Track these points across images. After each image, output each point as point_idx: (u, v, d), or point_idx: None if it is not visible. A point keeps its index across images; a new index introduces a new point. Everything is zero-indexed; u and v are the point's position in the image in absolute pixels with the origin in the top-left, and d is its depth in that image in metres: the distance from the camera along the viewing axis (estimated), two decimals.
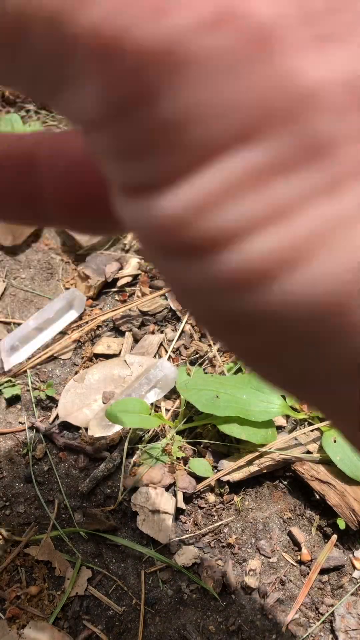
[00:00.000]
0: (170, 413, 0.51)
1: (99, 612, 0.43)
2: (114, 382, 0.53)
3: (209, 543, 0.45)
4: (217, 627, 0.42)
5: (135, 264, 0.61)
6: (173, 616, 0.43)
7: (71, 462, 0.50)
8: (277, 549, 0.45)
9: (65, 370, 0.56)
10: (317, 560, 0.44)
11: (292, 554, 0.45)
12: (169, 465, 0.48)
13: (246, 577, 0.44)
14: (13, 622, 0.42)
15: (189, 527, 0.46)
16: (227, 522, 0.46)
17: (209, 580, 0.44)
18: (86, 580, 0.44)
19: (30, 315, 0.59)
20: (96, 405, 0.52)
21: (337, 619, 0.41)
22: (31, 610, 0.43)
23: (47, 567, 0.45)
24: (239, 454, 0.48)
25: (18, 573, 0.45)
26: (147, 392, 0.50)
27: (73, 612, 0.43)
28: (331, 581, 0.43)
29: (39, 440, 0.51)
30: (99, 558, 0.46)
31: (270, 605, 0.43)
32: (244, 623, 0.42)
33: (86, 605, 0.44)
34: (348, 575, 0.43)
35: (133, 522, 0.46)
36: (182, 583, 0.44)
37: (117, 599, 0.44)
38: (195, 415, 0.50)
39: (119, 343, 0.56)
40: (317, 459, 0.47)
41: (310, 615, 0.42)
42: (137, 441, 0.50)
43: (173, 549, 0.45)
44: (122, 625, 0.43)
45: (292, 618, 0.42)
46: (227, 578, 0.44)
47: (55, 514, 0.47)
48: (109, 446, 0.50)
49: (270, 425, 0.48)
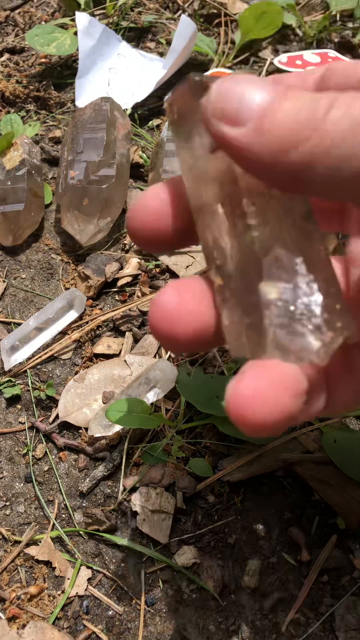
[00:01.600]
0: (170, 413, 0.51)
1: (99, 612, 0.43)
2: (114, 382, 0.53)
3: (209, 543, 0.45)
4: (217, 627, 0.42)
5: (135, 264, 0.61)
6: (173, 616, 0.43)
7: (71, 462, 0.50)
8: (277, 549, 0.45)
9: (65, 370, 0.56)
10: (317, 560, 0.44)
11: (292, 553, 0.45)
12: (169, 465, 0.48)
13: (246, 577, 0.44)
14: (13, 622, 0.42)
15: (189, 527, 0.46)
16: (227, 522, 0.46)
17: (209, 580, 0.44)
18: (86, 580, 0.44)
19: (30, 315, 0.59)
20: (96, 405, 0.52)
21: (337, 619, 0.42)
22: (31, 610, 0.43)
23: (47, 567, 0.45)
24: (239, 454, 0.48)
25: (18, 573, 0.45)
26: (147, 392, 0.50)
27: (73, 612, 0.43)
28: (331, 581, 0.43)
29: (39, 440, 0.51)
30: (98, 558, 0.46)
31: (270, 605, 0.43)
32: (244, 623, 0.42)
33: (86, 605, 0.44)
34: (348, 575, 0.43)
35: (133, 522, 0.46)
36: (182, 583, 0.44)
37: (117, 598, 0.44)
38: (195, 415, 0.50)
39: (119, 343, 0.56)
40: (318, 459, 0.47)
41: (310, 615, 0.42)
42: (137, 441, 0.50)
43: (173, 549, 0.45)
44: (122, 625, 0.43)
45: (292, 618, 0.42)
46: (227, 578, 0.44)
47: (55, 513, 0.47)
48: (109, 446, 0.50)
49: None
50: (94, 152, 0.63)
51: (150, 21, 0.87)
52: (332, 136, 0.22)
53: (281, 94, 0.23)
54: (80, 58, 0.78)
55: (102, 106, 0.68)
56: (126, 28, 0.86)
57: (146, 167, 0.71)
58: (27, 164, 0.64)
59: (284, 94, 0.23)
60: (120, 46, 0.82)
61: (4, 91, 0.77)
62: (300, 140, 0.22)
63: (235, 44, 0.82)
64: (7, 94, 0.77)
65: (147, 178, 0.69)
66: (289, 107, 0.23)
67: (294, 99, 0.23)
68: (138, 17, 0.88)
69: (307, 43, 0.85)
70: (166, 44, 0.86)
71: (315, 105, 0.22)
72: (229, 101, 0.24)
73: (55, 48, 0.78)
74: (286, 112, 0.23)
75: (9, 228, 0.62)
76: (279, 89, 0.24)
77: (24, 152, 0.66)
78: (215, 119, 0.24)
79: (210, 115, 0.24)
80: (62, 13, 0.89)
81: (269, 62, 0.82)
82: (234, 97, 0.24)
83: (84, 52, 0.78)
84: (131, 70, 0.81)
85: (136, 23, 0.87)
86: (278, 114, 0.23)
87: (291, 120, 0.22)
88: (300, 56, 0.82)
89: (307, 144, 0.22)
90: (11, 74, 0.81)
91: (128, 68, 0.82)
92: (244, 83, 0.24)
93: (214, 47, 0.82)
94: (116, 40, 0.82)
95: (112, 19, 0.87)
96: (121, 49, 0.82)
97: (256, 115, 0.23)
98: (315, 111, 0.22)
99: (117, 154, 0.64)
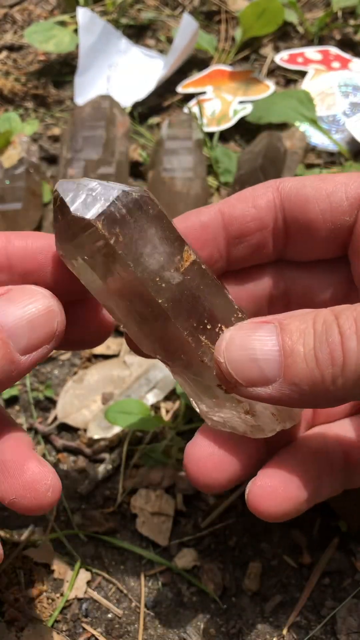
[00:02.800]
0: (170, 414, 0.51)
1: (99, 615, 0.43)
2: (113, 383, 0.53)
3: (210, 545, 0.45)
4: (218, 630, 0.42)
5: None
6: (173, 619, 0.42)
7: (70, 464, 0.50)
8: (278, 551, 0.45)
9: (64, 371, 0.55)
10: (319, 563, 0.43)
11: (294, 556, 0.44)
12: (169, 466, 0.48)
13: (247, 579, 0.43)
14: (12, 625, 0.42)
15: (189, 529, 0.46)
16: (227, 524, 0.46)
17: (210, 582, 0.43)
18: (85, 583, 0.44)
19: None
20: (95, 407, 0.51)
21: (339, 621, 0.41)
22: (30, 612, 0.43)
23: (46, 570, 0.45)
24: None
25: (17, 575, 0.44)
26: (146, 393, 0.50)
27: (72, 615, 0.43)
28: (333, 584, 0.43)
29: (38, 442, 0.51)
30: (98, 560, 0.45)
31: (271, 608, 0.42)
32: (244, 626, 0.42)
33: (85, 608, 0.43)
34: (350, 578, 0.43)
35: (132, 524, 0.46)
36: (182, 586, 0.44)
37: (116, 601, 0.43)
38: (195, 416, 0.50)
39: (119, 343, 0.56)
40: None
41: (312, 618, 0.42)
42: (137, 442, 0.50)
43: (173, 552, 0.45)
44: (121, 628, 0.42)
45: (293, 621, 0.42)
46: (227, 581, 0.43)
47: (54, 516, 0.47)
48: (108, 448, 0.50)
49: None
50: (93, 151, 0.63)
51: (150, 18, 0.87)
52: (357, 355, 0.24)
53: (285, 336, 0.25)
54: (81, 55, 0.78)
55: (101, 104, 0.67)
56: (126, 25, 0.86)
57: (145, 165, 0.70)
58: (26, 162, 0.64)
59: (290, 336, 0.25)
60: (120, 43, 0.82)
61: (2, 89, 0.77)
62: (332, 374, 0.24)
63: (236, 41, 0.82)
64: (5, 92, 0.77)
65: (146, 177, 0.69)
66: (304, 352, 0.25)
67: (302, 338, 0.25)
68: (137, 14, 0.87)
69: (309, 40, 0.84)
70: (166, 41, 0.85)
71: (323, 335, 0.24)
72: (248, 370, 0.25)
73: (54, 45, 0.78)
74: (306, 357, 0.24)
75: (7, 227, 0.62)
76: (277, 332, 0.25)
77: (22, 150, 0.65)
78: (243, 387, 0.26)
79: (237, 385, 0.26)
80: (61, 10, 0.89)
81: (270, 59, 0.81)
82: (249, 365, 0.25)
83: (85, 48, 0.78)
84: (131, 67, 0.81)
85: (136, 20, 0.87)
86: (300, 365, 0.24)
87: (313, 365, 0.24)
88: (301, 53, 0.82)
89: (337, 370, 0.24)
90: (9, 71, 0.81)
91: (128, 65, 0.81)
92: (247, 345, 0.26)
93: (214, 44, 0.82)
94: (117, 37, 0.81)
95: (112, 16, 0.86)
96: (122, 46, 0.82)
97: (280, 373, 0.25)
98: (330, 335, 0.24)
99: (116, 152, 0.64)
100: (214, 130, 0.73)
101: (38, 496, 0.29)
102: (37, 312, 0.28)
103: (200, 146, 0.68)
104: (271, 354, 0.25)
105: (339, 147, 0.70)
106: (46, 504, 0.29)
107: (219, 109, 0.75)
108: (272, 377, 0.25)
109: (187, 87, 0.78)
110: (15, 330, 0.27)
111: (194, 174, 0.63)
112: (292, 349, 0.24)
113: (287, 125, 0.72)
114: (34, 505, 0.29)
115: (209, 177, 0.68)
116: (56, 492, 0.30)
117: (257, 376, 0.25)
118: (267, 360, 0.25)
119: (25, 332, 0.28)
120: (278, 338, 0.25)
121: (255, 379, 0.25)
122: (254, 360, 0.25)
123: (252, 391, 0.25)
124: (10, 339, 0.27)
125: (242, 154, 0.67)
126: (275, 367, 0.25)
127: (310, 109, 0.71)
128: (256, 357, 0.25)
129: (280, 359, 0.25)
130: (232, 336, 0.26)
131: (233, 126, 0.73)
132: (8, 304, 0.28)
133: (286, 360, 0.25)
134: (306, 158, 0.70)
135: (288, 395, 0.25)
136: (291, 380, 0.24)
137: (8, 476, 0.29)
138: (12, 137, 0.66)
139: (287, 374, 0.24)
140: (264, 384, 0.25)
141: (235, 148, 0.72)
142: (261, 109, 0.72)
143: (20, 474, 0.29)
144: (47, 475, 0.30)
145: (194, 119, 0.71)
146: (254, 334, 0.25)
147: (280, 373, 0.25)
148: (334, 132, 0.72)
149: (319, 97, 0.76)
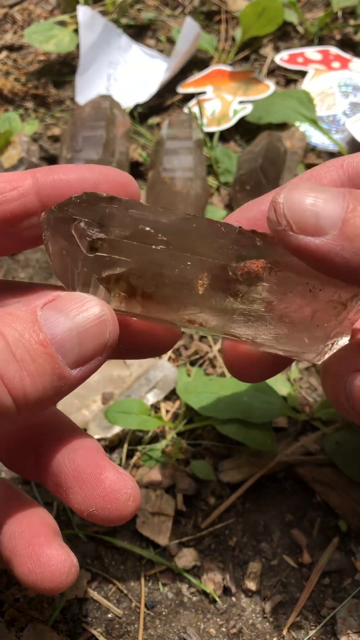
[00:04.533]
0: (170, 414, 0.51)
1: (98, 615, 0.43)
2: (113, 383, 0.52)
3: (210, 545, 0.45)
4: (218, 630, 0.42)
5: None
6: (173, 619, 0.42)
7: None
8: (278, 551, 0.45)
9: None
10: (319, 562, 0.43)
11: (294, 556, 0.44)
12: (169, 466, 0.48)
13: (247, 579, 0.43)
14: (12, 625, 0.42)
15: (189, 529, 0.46)
16: (227, 524, 0.46)
17: (210, 582, 0.43)
18: (85, 583, 0.44)
19: None
20: (95, 406, 0.51)
21: (339, 621, 0.41)
22: (30, 613, 0.42)
23: None
24: (240, 455, 0.48)
25: None
26: (146, 393, 0.50)
27: (72, 615, 0.43)
28: (333, 584, 0.43)
29: None
30: (98, 560, 0.45)
31: (271, 608, 0.42)
32: (244, 626, 0.42)
33: (85, 608, 0.43)
34: (350, 578, 0.43)
35: (132, 524, 0.46)
36: (182, 586, 0.44)
37: (116, 601, 0.43)
38: (196, 416, 0.50)
39: None
40: (319, 461, 0.47)
41: (312, 618, 0.42)
42: (137, 442, 0.50)
43: (173, 552, 0.45)
44: (121, 628, 0.42)
45: (293, 621, 0.42)
46: (227, 581, 0.43)
47: (54, 516, 0.47)
48: (108, 447, 0.50)
49: (269, 433, 0.48)
50: (93, 151, 0.62)
51: (150, 18, 0.87)
52: None
53: (351, 199, 0.25)
54: (82, 53, 0.78)
55: (102, 104, 0.67)
56: (126, 25, 0.86)
57: (145, 165, 0.70)
58: (26, 162, 0.64)
59: (354, 199, 0.25)
60: (121, 40, 0.82)
61: (2, 89, 0.77)
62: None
63: (236, 41, 0.82)
64: (5, 92, 0.77)
65: (146, 177, 0.68)
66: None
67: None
68: (137, 14, 0.87)
69: (309, 40, 0.84)
70: (166, 41, 0.85)
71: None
72: (304, 213, 0.25)
73: (54, 45, 0.78)
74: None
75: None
76: (344, 193, 0.25)
77: (22, 150, 0.65)
78: (293, 233, 0.25)
79: (286, 229, 0.25)
80: (61, 10, 0.88)
81: (270, 59, 0.81)
82: (308, 208, 0.25)
83: (86, 47, 0.78)
84: (132, 67, 0.81)
85: (136, 20, 0.87)
86: (358, 220, 0.24)
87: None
88: (301, 53, 0.81)
89: None
90: (9, 71, 0.81)
91: (129, 64, 0.81)
92: (311, 192, 0.25)
93: (214, 44, 0.82)
94: (117, 35, 0.81)
95: (112, 16, 0.86)
96: (122, 44, 0.82)
97: (337, 224, 0.24)
98: None
99: (116, 152, 0.64)
100: (214, 130, 0.73)
101: (119, 506, 0.27)
102: (88, 322, 0.26)
103: (200, 146, 0.68)
104: (332, 205, 0.24)
105: (339, 147, 0.70)
106: (128, 514, 0.27)
107: (219, 109, 0.75)
108: (327, 228, 0.24)
109: (187, 87, 0.78)
110: (64, 343, 0.26)
111: (194, 174, 0.63)
112: (356, 208, 0.24)
113: (287, 125, 0.72)
114: (115, 516, 0.27)
115: (209, 177, 0.68)
116: (137, 500, 0.28)
117: (312, 223, 0.24)
118: (326, 210, 0.24)
119: (74, 344, 0.26)
120: (345, 197, 0.25)
121: (308, 226, 0.24)
122: (313, 206, 0.24)
123: (300, 239, 0.24)
124: (58, 352, 0.25)
125: (242, 154, 0.67)
126: (334, 217, 0.24)
127: (310, 109, 0.71)
128: (316, 204, 0.24)
129: (340, 212, 0.24)
130: (298, 184, 0.25)
131: (233, 126, 0.73)
132: (56, 313, 0.26)
133: (346, 215, 0.24)
134: (306, 158, 0.70)
135: (336, 252, 0.24)
136: (347, 235, 0.24)
137: (84, 487, 0.28)
138: (12, 137, 0.66)
139: (345, 227, 0.24)
140: (316, 234, 0.24)
141: (235, 148, 0.72)
142: (261, 109, 0.72)
143: (98, 484, 0.27)
144: (126, 483, 0.28)
145: (194, 119, 0.71)
146: (319, 187, 0.25)
147: (336, 226, 0.24)
148: (334, 132, 0.72)
149: (319, 97, 0.76)
